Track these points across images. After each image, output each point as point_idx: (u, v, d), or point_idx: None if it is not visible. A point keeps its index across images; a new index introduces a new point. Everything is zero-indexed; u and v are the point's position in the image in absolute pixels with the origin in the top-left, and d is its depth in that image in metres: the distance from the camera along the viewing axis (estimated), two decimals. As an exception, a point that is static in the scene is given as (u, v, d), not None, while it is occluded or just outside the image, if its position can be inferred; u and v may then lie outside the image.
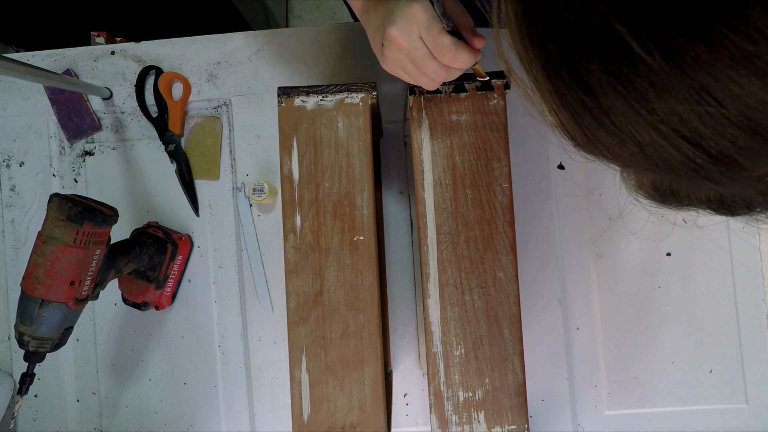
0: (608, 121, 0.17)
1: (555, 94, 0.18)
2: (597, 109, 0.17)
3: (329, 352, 0.51)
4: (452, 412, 0.50)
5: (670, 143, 0.16)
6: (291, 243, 0.52)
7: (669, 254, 0.70)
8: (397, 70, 0.44)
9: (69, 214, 0.49)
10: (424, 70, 0.43)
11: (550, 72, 0.18)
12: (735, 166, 0.16)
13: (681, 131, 0.16)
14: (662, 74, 0.15)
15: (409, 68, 0.43)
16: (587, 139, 0.19)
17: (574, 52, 0.16)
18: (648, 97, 0.16)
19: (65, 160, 0.74)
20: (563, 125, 0.20)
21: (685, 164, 0.17)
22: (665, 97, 0.15)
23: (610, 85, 0.16)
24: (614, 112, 0.17)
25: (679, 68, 0.14)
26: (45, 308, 0.50)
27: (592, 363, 0.70)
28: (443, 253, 0.51)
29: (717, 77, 0.14)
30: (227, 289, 0.72)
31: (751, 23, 0.13)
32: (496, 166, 0.51)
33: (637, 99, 0.16)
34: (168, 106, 0.72)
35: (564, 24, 0.16)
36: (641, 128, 0.17)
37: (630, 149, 0.18)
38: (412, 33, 0.40)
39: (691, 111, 0.15)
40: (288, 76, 0.72)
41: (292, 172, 0.52)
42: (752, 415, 0.69)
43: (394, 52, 0.42)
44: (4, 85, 0.74)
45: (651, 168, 0.18)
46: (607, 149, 0.19)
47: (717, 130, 0.15)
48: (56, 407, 0.72)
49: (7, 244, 0.73)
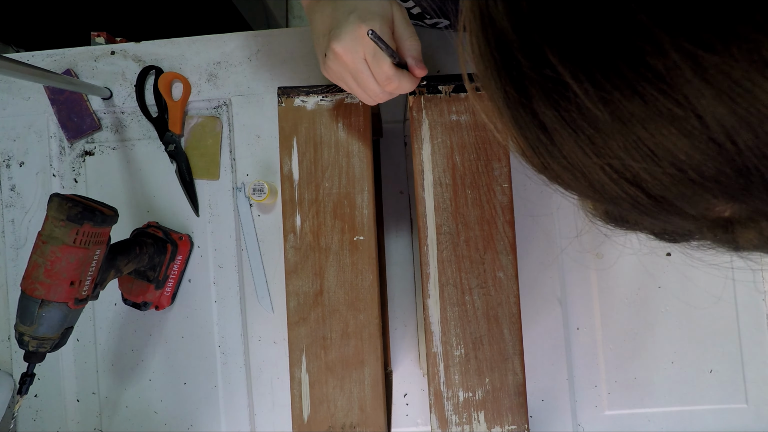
0: (561, 157, 0.19)
1: (515, 127, 0.20)
2: (551, 146, 0.19)
3: (329, 352, 0.51)
4: (452, 412, 0.50)
5: (614, 183, 0.18)
6: (291, 243, 0.52)
7: (669, 254, 0.70)
8: (337, 81, 0.45)
9: (69, 214, 0.49)
10: (364, 89, 0.43)
11: (511, 107, 0.19)
12: (671, 206, 0.18)
13: (624, 174, 0.17)
14: (605, 124, 0.16)
15: (350, 83, 0.44)
16: (544, 167, 0.21)
17: (528, 93, 0.18)
18: (595, 142, 0.17)
19: (65, 160, 0.74)
20: (524, 153, 0.21)
21: (628, 201, 0.19)
22: (609, 143, 0.17)
23: (562, 127, 0.18)
24: (566, 150, 0.18)
25: (620, 120, 0.16)
26: (45, 308, 0.50)
27: (592, 363, 0.70)
28: (443, 253, 0.51)
29: (651, 132, 0.16)
30: (227, 289, 0.72)
31: (678, 90, 0.14)
32: (496, 166, 0.51)
33: (585, 143, 0.17)
34: (168, 106, 0.72)
35: (518, 66, 0.17)
36: (590, 167, 0.18)
37: (581, 183, 0.19)
38: (357, 54, 0.41)
39: (631, 158, 0.17)
40: (288, 76, 0.72)
41: (292, 172, 0.52)
42: (752, 415, 0.69)
43: (337, 66, 0.42)
44: (4, 85, 0.74)
45: (601, 200, 0.20)
46: (562, 180, 0.20)
47: (653, 176, 0.17)
48: (56, 407, 0.72)
49: (7, 244, 0.73)
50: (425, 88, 0.52)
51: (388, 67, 0.40)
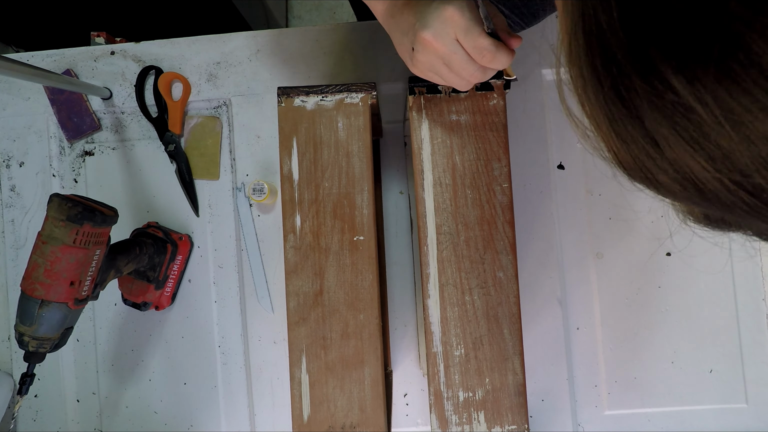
0: (672, 170, 0.18)
1: (619, 142, 0.19)
2: (661, 159, 0.18)
3: (329, 352, 0.51)
4: (452, 412, 0.50)
5: (732, 194, 0.18)
6: (291, 243, 0.52)
7: (669, 254, 0.70)
8: (428, 73, 0.44)
9: (69, 214, 0.49)
10: (459, 73, 0.42)
11: (616, 125, 0.19)
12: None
13: (744, 185, 0.17)
14: (731, 142, 0.16)
15: (443, 71, 0.43)
16: (646, 179, 0.20)
17: (638, 109, 0.17)
18: (715, 158, 0.17)
19: (65, 160, 0.74)
20: (622, 164, 0.21)
21: (744, 209, 0.18)
22: (733, 159, 0.16)
23: (677, 144, 0.17)
24: (679, 164, 0.18)
25: (748, 140, 0.16)
26: (45, 308, 0.50)
27: (592, 363, 0.70)
28: (443, 253, 0.51)
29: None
30: (227, 289, 0.72)
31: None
32: (496, 166, 0.51)
33: (705, 158, 0.17)
34: (168, 106, 0.72)
35: (628, 79, 0.17)
36: (706, 180, 0.18)
37: (690, 192, 0.19)
38: (448, 36, 0.40)
39: (757, 174, 0.16)
40: (288, 76, 0.72)
41: (292, 172, 0.52)
42: (752, 415, 0.69)
43: (427, 56, 0.42)
44: (4, 85, 0.74)
45: (710, 207, 0.19)
46: (666, 189, 0.20)
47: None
48: (56, 407, 0.72)
49: (7, 244, 0.73)
50: (425, 87, 0.52)
51: (482, 38, 0.39)
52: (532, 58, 0.71)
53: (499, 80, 0.52)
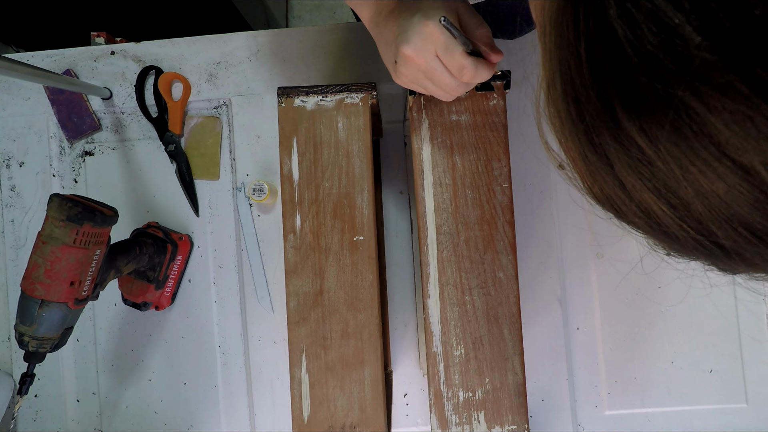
0: (639, 212, 0.21)
1: (591, 179, 0.22)
2: (629, 201, 0.20)
3: (329, 352, 0.51)
4: (452, 412, 0.50)
5: (694, 241, 0.19)
6: (291, 243, 0.52)
7: (669, 254, 0.70)
8: (412, 84, 0.44)
9: (69, 215, 0.49)
10: (440, 86, 0.43)
11: (589, 165, 0.21)
12: (744, 260, 0.19)
13: (707, 235, 0.19)
14: (688, 196, 0.18)
15: (426, 84, 0.43)
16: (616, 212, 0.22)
17: (609, 158, 0.19)
18: (675, 206, 0.19)
19: (65, 160, 0.74)
20: (595, 197, 0.23)
21: (704, 254, 0.20)
22: (692, 211, 0.18)
23: (643, 190, 0.19)
24: (644, 206, 0.20)
25: (701, 195, 0.17)
26: (45, 308, 0.50)
27: (592, 363, 0.70)
28: (443, 253, 0.51)
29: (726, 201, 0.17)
30: (227, 289, 0.72)
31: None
32: (496, 166, 0.51)
33: (666, 206, 0.19)
34: (168, 106, 0.72)
35: (600, 134, 0.19)
36: (670, 225, 0.20)
37: (656, 232, 0.21)
38: (428, 52, 0.40)
39: (714, 225, 0.18)
40: (288, 76, 0.72)
41: (292, 172, 0.52)
42: (752, 415, 0.69)
43: (409, 69, 0.42)
44: (4, 85, 0.74)
45: (673, 248, 0.22)
46: (635, 224, 0.22)
47: (732, 240, 0.18)
48: (56, 407, 0.72)
49: (7, 244, 0.73)
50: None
51: (461, 57, 0.40)
52: (532, 58, 0.71)
53: (497, 81, 0.52)
